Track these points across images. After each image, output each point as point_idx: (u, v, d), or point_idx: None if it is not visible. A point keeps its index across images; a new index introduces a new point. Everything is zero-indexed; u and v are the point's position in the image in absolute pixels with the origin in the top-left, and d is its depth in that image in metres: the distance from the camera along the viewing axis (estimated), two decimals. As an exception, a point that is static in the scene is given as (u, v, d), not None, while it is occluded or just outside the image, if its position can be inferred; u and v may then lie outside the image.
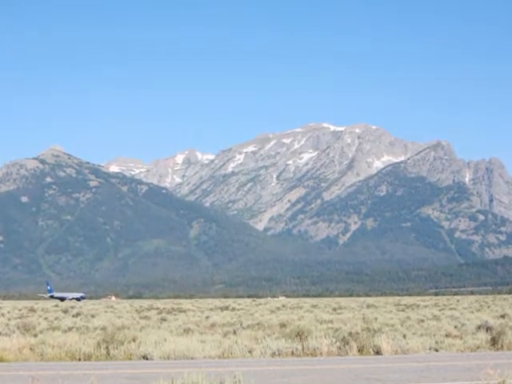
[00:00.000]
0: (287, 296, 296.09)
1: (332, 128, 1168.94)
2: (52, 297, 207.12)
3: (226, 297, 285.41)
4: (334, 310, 68.97)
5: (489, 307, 73.20)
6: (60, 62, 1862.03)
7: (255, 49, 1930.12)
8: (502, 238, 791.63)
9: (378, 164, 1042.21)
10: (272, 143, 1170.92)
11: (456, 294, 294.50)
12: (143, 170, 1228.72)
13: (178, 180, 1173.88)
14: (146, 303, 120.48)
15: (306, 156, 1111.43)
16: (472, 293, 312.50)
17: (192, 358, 24.45)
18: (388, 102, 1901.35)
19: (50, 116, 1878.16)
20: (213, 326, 38.97)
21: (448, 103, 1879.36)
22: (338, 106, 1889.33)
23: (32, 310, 76.79)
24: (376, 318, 44.64)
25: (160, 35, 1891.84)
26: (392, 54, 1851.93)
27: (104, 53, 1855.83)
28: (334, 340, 26.17)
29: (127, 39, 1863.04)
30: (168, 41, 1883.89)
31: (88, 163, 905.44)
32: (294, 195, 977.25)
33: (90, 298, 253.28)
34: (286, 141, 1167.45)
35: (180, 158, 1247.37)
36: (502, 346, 27.16)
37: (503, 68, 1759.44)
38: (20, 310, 79.19)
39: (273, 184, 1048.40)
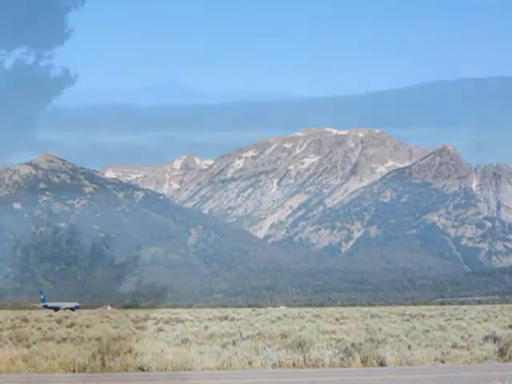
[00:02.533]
0: (288, 305, 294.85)
1: (334, 132, 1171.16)
2: (46, 306, 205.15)
3: (225, 306, 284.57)
4: (337, 320, 68.47)
5: (496, 317, 72.95)
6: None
7: (255, 51, 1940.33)
8: (510, 245, 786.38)
9: (381, 169, 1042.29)
10: (273, 148, 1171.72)
11: (463, 303, 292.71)
12: (140, 175, 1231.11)
13: (175, 186, 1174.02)
14: (142, 313, 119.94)
15: (307, 161, 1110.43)
16: (479, 302, 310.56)
17: (190, 370, 24.10)
18: (391, 105, 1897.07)
19: (44, 119, 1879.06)
20: (211, 336, 38.54)
21: (453, 105, 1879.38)
22: (341, 109, 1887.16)
23: (25, 320, 75.85)
24: (380, 329, 44.27)
25: (159, 37, 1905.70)
26: (395, 54, 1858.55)
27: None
28: (336, 351, 25.96)
29: (125, 41, 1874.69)
30: (166, 43, 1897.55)
31: (83, 168, 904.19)
32: (296, 201, 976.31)
33: (85, 308, 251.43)
34: (287, 145, 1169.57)
35: (178, 164, 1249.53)
36: (509, 357, 26.82)
37: (509, 69, 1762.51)
38: (12, 320, 77.89)
39: (273, 190, 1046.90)
